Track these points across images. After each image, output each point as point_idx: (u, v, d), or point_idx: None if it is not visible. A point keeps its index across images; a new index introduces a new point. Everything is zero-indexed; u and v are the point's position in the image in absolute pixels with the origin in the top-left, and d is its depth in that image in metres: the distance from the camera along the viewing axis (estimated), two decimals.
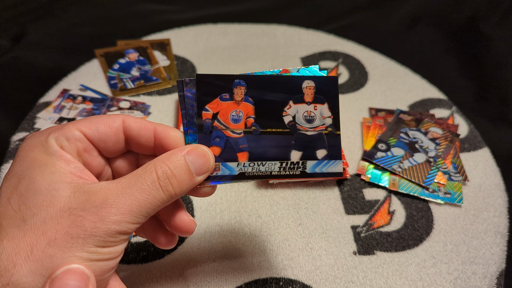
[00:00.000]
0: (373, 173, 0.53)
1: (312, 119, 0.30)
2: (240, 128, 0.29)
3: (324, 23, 0.83)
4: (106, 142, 0.29)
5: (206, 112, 0.29)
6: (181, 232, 0.30)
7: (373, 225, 0.48)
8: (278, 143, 0.30)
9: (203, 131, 0.29)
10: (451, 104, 0.65)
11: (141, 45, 0.72)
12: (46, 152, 0.26)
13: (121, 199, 0.24)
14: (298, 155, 0.30)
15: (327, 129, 0.30)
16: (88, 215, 0.24)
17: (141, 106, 0.60)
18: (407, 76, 0.70)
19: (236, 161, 0.29)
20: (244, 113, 0.29)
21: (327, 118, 0.31)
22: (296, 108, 0.30)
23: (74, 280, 0.22)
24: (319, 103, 0.30)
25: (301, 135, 0.30)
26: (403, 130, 0.58)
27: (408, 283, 0.42)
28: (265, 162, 0.29)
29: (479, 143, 0.59)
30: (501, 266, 0.45)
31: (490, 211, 0.50)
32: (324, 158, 0.30)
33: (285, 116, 0.30)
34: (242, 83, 0.29)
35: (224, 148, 0.29)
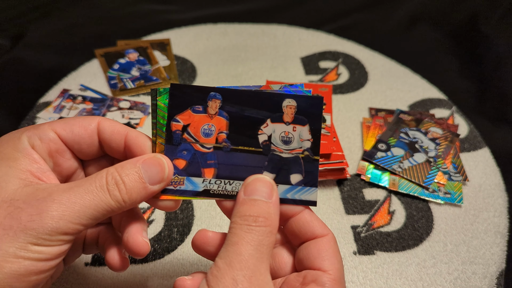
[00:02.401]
0: (373, 173, 0.53)
1: (289, 140, 0.28)
2: (210, 142, 0.28)
3: (324, 23, 0.83)
4: (81, 144, 0.28)
5: (176, 123, 0.28)
6: (131, 252, 0.28)
7: (373, 225, 0.48)
8: (250, 162, 0.28)
9: (172, 143, 0.28)
10: (451, 104, 0.65)
11: (141, 45, 0.72)
12: (15, 148, 0.26)
13: (65, 195, 0.24)
14: (270, 178, 0.28)
15: (303, 153, 0.28)
16: (28, 207, 0.23)
17: (141, 106, 0.60)
18: (407, 76, 0.70)
19: (201, 177, 0.28)
20: (216, 128, 0.28)
21: (305, 141, 0.28)
22: (273, 128, 0.28)
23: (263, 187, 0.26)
24: (299, 124, 0.28)
25: (275, 157, 0.28)
26: (403, 130, 0.58)
27: (408, 283, 0.42)
28: (233, 181, 0.28)
29: (479, 143, 0.59)
30: (501, 266, 0.45)
31: (490, 211, 0.50)
32: (298, 183, 0.28)
33: (260, 135, 0.28)
34: (218, 96, 0.28)
35: (190, 162, 0.28)
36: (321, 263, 0.27)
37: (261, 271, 0.24)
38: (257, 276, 0.24)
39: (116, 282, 0.40)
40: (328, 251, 0.27)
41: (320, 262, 0.27)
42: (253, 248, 0.24)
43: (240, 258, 0.24)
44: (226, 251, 0.25)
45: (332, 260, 0.27)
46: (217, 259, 0.25)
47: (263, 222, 0.25)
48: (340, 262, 0.28)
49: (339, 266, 0.27)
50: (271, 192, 0.27)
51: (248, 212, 0.26)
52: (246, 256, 0.24)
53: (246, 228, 0.25)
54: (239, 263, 0.24)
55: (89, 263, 0.42)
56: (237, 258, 0.24)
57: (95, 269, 0.41)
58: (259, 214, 0.26)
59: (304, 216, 0.28)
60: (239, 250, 0.24)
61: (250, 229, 0.25)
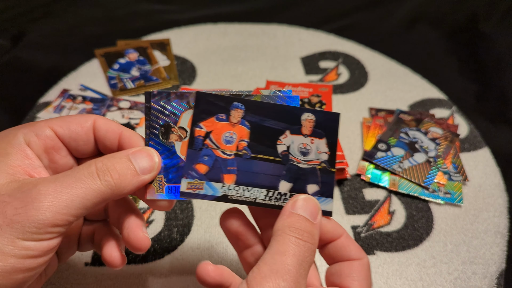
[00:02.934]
0: (373, 173, 0.53)
1: (307, 152, 0.29)
2: (231, 149, 0.29)
3: (324, 23, 0.83)
4: (77, 141, 0.28)
5: (199, 129, 0.29)
6: (132, 248, 0.28)
7: (373, 225, 0.48)
8: (268, 171, 0.29)
9: (193, 147, 0.29)
10: (451, 104, 0.65)
11: (141, 45, 0.72)
12: (9, 143, 0.26)
13: (51, 185, 0.23)
14: (288, 187, 0.29)
15: (321, 164, 0.29)
16: (13, 200, 0.22)
17: (141, 106, 0.60)
18: (407, 76, 0.70)
19: (221, 182, 0.29)
20: (237, 136, 0.29)
21: (323, 153, 0.30)
22: (292, 139, 0.29)
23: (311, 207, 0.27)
24: (316, 137, 0.30)
25: (293, 167, 0.29)
26: (403, 130, 0.58)
27: (408, 283, 0.42)
28: (251, 188, 0.29)
29: (479, 143, 0.59)
30: (501, 266, 0.45)
31: (490, 211, 0.50)
32: (314, 194, 0.29)
33: (280, 145, 0.29)
34: (241, 106, 0.29)
35: (212, 168, 0.29)
36: (351, 282, 0.27)
37: (301, 286, 0.25)
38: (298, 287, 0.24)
39: (116, 282, 0.40)
40: (360, 273, 0.28)
41: (349, 281, 0.27)
42: (298, 263, 0.25)
43: (287, 268, 0.24)
44: (272, 258, 0.25)
45: (362, 282, 0.27)
46: (262, 264, 0.25)
47: (310, 238, 0.26)
48: (369, 286, 0.28)
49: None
50: (316, 214, 0.27)
51: (297, 225, 0.26)
52: (292, 268, 0.24)
53: (294, 240, 0.25)
54: (286, 273, 0.24)
55: (89, 263, 0.42)
56: (283, 268, 0.24)
57: (95, 269, 0.41)
58: (305, 229, 0.26)
59: (341, 240, 0.29)
60: (286, 260, 0.24)
61: (298, 243, 0.25)
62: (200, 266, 0.29)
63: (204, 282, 0.29)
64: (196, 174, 0.29)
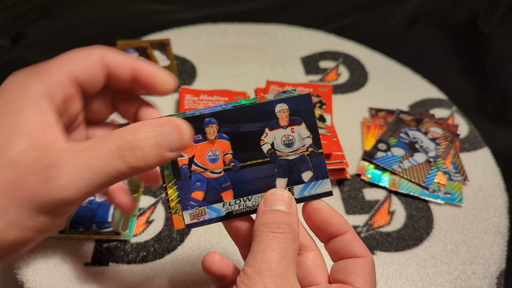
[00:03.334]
0: (373, 173, 0.53)
1: (291, 142, 0.29)
2: (219, 167, 0.29)
3: (324, 23, 0.83)
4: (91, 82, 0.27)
5: (182, 158, 0.28)
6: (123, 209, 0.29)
7: (373, 225, 0.48)
8: (261, 174, 0.29)
9: (182, 178, 0.28)
10: (451, 104, 0.65)
11: (141, 45, 0.72)
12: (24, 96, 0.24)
13: (74, 161, 0.22)
14: (284, 182, 0.29)
15: (308, 150, 0.29)
16: (33, 175, 0.21)
17: None
18: (407, 76, 0.70)
19: (221, 201, 0.29)
20: (220, 151, 0.29)
21: (306, 138, 0.29)
22: (273, 135, 0.29)
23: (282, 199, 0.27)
24: (295, 125, 0.29)
25: (283, 161, 0.29)
26: (403, 130, 0.58)
27: (408, 283, 0.42)
28: (251, 197, 0.29)
29: (479, 143, 0.59)
30: (501, 266, 0.45)
31: (490, 211, 0.50)
32: (311, 180, 0.29)
33: (264, 145, 0.29)
34: (213, 120, 0.28)
35: (207, 191, 0.29)
36: (356, 279, 0.27)
37: (289, 278, 0.25)
38: (286, 283, 0.24)
39: (116, 282, 0.40)
40: (364, 271, 0.28)
41: (354, 278, 0.27)
42: (280, 256, 0.25)
43: (268, 265, 0.24)
44: (254, 259, 0.25)
45: (366, 279, 0.27)
46: (245, 267, 0.25)
47: (286, 228, 0.26)
48: (373, 284, 0.28)
49: (372, 287, 0.28)
50: (290, 204, 0.27)
51: (271, 220, 0.26)
52: (274, 263, 0.24)
53: (271, 235, 0.25)
54: (268, 270, 0.24)
55: (89, 263, 0.42)
56: (265, 266, 0.24)
57: (95, 269, 0.41)
58: (282, 221, 0.26)
59: (347, 236, 0.29)
60: (266, 257, 0.24)
61: (275, 236, 0.25)
62: (207, 255, 0.29)
63: (209, 271, 0.29)
64: (195, 203, 0.28)
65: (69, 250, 0.43)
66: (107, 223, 0.45)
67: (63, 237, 0.43)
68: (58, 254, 0.42)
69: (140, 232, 0.45)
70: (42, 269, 0.41)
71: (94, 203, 0.46)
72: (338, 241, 0.29)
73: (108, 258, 0.42)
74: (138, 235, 0.45)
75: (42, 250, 0.42)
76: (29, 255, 0.41)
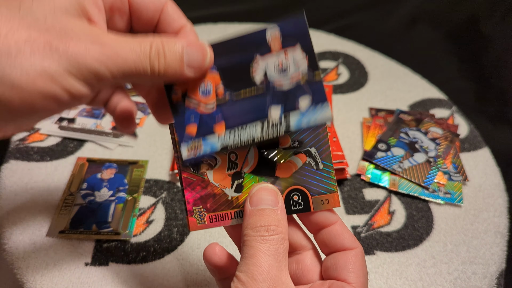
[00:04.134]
0: (373, 173, 0.53)
1: (285, 68, 0.28)
2: (212, 100, 0.28)
3: (324, 23, 0.83)
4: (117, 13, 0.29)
5: (174, 95, 0.28)
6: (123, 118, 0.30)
7: (373, 225, 0.48)
8: (255, 105, 0.28)
9: (176, 114, 0.28)
10: (451, 104, 0.65)
11: None
12: None
13: (113, 45, 0.24)
14: (277, 110, 0.27)
15: (303, 78, 0.28)
16: (79, 39, 0.23)
17: (141, 106, 0.60)
18: (407, 76, 0.70)
19: (215, 135, 0.28)
20: (212, 83, 0.28)
21: (301, 60, 0.27)
22: (265, 62, 0.28)
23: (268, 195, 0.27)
24: (289, 47, 0.27)
25: (278, 92, 0.28)
26: (403, 130, 0.58)
27: (408, 283, 0.42)
28: (245, 127, 0.28)
29: (479, 143, 0.59)
30: (501, 266, 0.45)
31: (490, 211, 0.50)
32: (308, 106, 0.27)
33: (256, 75, 0.28)
34: None
35: (200, 125, 0.28)
36: (347, 275, 0.27)
37: (282, 279, 0.25)
38: (279, 285, 0.24)
39: (116, 282, 0.40)
40: (355, 264, 0.28)
41: (346, 274, 0.27)
42: (271, 258, 0.25)
43: (261, 270, 0.24)
44: (246, 264, 0.25)
45: (358, 273, 0.27)
46: (238, 273, 0.25)
47: (274, 230, 0.26)
48: (365, 276, 0.28)
49: (364, 280, 0.28)
50: (276, 199, 0.27)
51: (259, 223, 0.26)
52: (266, 267, 0.24)
53: (260, 239, 0.25)
54: (260, 275, 0.24)
55: (89, 263, 0.42)
56: (258, 270, 0.24)
57: (95, 269, 0.41)
58: (269, 223, 0.26)
59: (335, 227, 0.29)
60: (258, 262, 0.25)
61: (265, 240, 0.25)
62: (208, 246, 0.29)
63: (209, 261, 0.30)
64: (190, 137, 0.28)
65: (69, 250, 0.43)
66: (107, 223, 0.45)
67: (63, 237, 0.43)
68: (58, 254, 0.42)
69: (140, 232, 0.45)
70: (42, 269, 0.41)
71: (94, 203, 0.46)
72: (327, 232, 0.29)
73: (108, 258, 0.42)
74: (138, 235, 0.45)
75: (42, 250, 0.42)
76: (29, 255, 0.41)
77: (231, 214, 0.29)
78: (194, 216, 0.29)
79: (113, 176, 0.50)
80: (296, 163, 0.29)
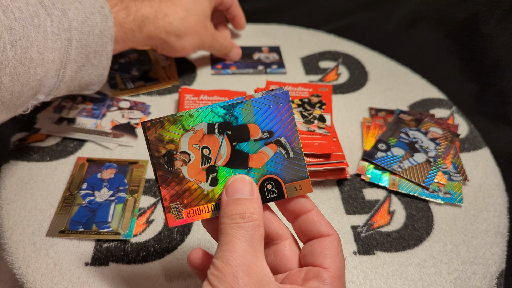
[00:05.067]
0: (373, 173, 0.53)
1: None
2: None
3: (324, 23, 0.83)
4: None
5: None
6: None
7: (373, 225, 0.48)
8: None
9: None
10: (451, 104, 0.65)
11: None
12: None
13: None
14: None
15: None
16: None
17: (141, 106, 0.60)
18: (407, 76, 0.70)
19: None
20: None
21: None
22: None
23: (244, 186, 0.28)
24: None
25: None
26: (403, 130, 0.58)
27: (408, 283, 0.42)
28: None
29: (479, 143, 0.59)
30: (501, 266, 0.45)
31: (490, 211, 0.50)
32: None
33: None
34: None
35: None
36: (323, 260, 0.28)
37: (257, 264, 0.25)
38: (254, 269, 0.25)
39: (116, 282, 0.40)
40: (331, 250, 0.28)
41: (322, 259, 0.28)
42: (246, 244, 0.26)
43: (236, 255, 0.25)
44: (221, 251, 0.26)
45: (333, 258, 0.28)
46: (214, 260, 0.26)
47: (250, 217, 0.27)
48: (341, 261, 0.29)
49: (340, 265, 0.29)
50: (251, 189, 0.28)
51: (235, 211, 0.27)
52: (241, 252, 0.25)
53: (235, 226, 0.26)
54: (235, 259, 0.25)
55: (89, 263, 0.42)
56: (233, 256, 0.25)
57: (95, 269, 0.41)
58: (245, 210, 0.27)
59: (311, 215, 0.30)
60: (233, 248, 0.25)
61: (240, 226, 0.26)
62: (192, 251, 0.31)
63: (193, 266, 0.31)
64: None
65: (69, 250, 0.43)
66: (107, 223, 0.45)
67: (63, 237, 0.43)
68: (58, 254, 0.42)
69: (140, 232, 0.45)
70: (42, 269, 0.41)
71: (94, 203, 0.46)
72: (303, 220, 0.30)
73: (108, 258, 0.42)
74: (138, 235, 0.45)
75: (42, 250, 0.42)
76: (29, 255, 0.41)
77: (208, 207, 0.30)
78: (172, 212, 0.30)
79: (113, 176, 0.50)
80: (267, 153, 0.31)
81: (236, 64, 0.69)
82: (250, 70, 0.68)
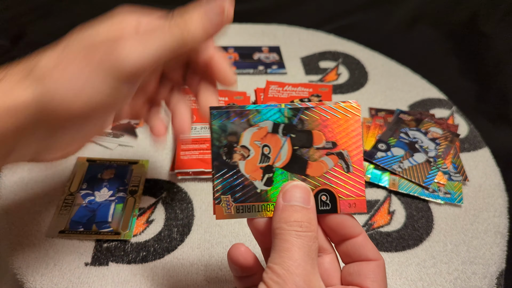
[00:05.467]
0: (373, 173, 0.53)
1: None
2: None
3: (324, 23, 0.83)
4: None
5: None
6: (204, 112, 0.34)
7: (373, 225, 0.48)
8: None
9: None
10: (451, 104, 0.65)
11: None
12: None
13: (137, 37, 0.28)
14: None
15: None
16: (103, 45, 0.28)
17: None
18: (407, 76, 0.70)
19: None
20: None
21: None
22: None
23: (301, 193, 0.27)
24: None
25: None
26: (403, 130, 0.58)
27: (408, 283, 0.42)
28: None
29: (479, 143, 0.59)
30: (501, 266, 0.45)
31: (490, 211, 0.50)
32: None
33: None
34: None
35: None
36: (370, 284, 0.28)
37: (316, 276, 0.25)
38: (313, 281, 0.25)
39: (116, 282, 0.40)
40: (378, 275, 0.28)
41: (369, 283, 0.28)
42: (305, 254, 0.25)
43: (296, 264, 0.25)
44: (280, 257, 0.25)
45: (380, 283, 0.28)
46: (272, 265, 0.25)
47: (308, 227, 0.26)
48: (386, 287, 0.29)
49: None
50: (308, 198, 0.28)
51: (293, 218, 0.26)
52: (302, 262, 0.25)
53: (295, 234, 0.26)
54: (297, 268, 0.24)
55: (89, 263, 0.42)
56: (294, 264, 0.24)
57: (95, 269, 0.41)
58: (302, 219, 0.26)
59: (360, 239, 0.29)
60: (293, 256, 0.25)
61: (299, 235, 0.26)
62: (233, 246, 0.29)
63: (236, 262, 0.29)
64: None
65: (69, 250, 0.43)
66: (107, 223, 0.45)
67: (63, 237, 0.43)
68: (58, 254, 0.42)
69: (140, 232, 0.45)
70: (42, 269, 0.41)
71: (94, 203, 0.46)
72: (351, 243, 0.29)
73: (108, 258, 0.42)
74: (138, 235, 0.45)
75: (42, 250, 0.42)
76: (29, 255, 0.41)
77: (258, 207, 0.29)
78: (221, 204, 0.29)
79: (113, 176, 0.50)
80: (327, 163, 0.30)
81: (236, 64, 0.69)
82: (250, 70, 0.68)
